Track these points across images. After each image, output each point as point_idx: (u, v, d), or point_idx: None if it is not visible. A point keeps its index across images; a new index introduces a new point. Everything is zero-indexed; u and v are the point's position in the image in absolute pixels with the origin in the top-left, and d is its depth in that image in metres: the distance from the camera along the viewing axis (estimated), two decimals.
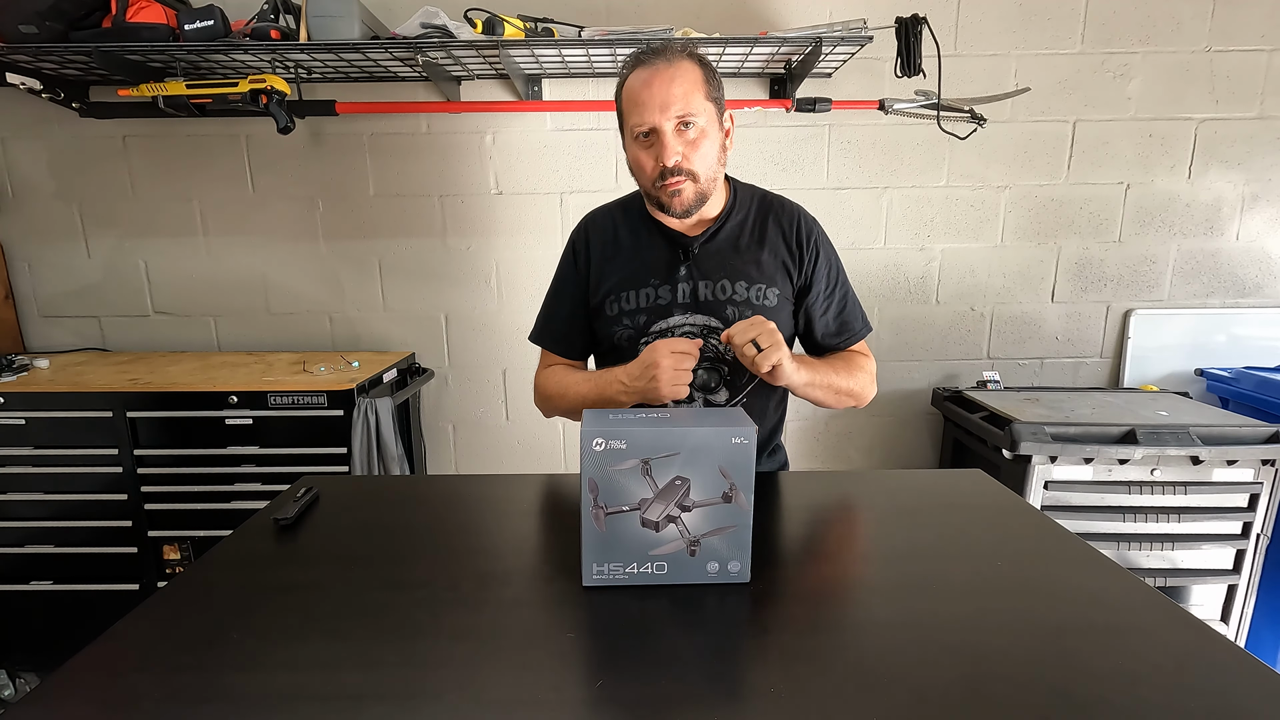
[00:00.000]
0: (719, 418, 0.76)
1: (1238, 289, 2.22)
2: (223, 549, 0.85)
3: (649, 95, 1.00)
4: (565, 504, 1.00)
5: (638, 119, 1.02)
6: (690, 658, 0.64)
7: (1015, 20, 2.04)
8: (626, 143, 1.08)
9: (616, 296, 1.12)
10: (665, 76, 1.00)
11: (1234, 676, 0.60)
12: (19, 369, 1.89)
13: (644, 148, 1.04)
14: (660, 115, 1.00)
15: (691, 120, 1.01)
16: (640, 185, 1.10)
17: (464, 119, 2.08)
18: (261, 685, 0.60)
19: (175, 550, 1.84)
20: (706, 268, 1.10)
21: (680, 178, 1.02)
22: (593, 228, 1.18)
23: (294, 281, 2.19)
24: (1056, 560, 0.82)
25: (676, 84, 1.00)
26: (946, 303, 2.23)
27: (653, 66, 1.01)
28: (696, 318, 1.10)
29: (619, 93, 1.07)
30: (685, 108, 1.00)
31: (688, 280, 1.10)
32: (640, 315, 1.11)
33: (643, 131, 1.02)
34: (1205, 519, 1.73)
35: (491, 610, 0.72)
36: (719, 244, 1.12)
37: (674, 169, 1.01)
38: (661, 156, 1.01)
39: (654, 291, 1.10)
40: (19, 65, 1.80)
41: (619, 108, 1.08)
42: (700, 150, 1.03)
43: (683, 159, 1.02)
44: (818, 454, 2.33)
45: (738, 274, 1.10)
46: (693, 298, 1.10)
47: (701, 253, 1.11)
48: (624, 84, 1.05)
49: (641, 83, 1.01)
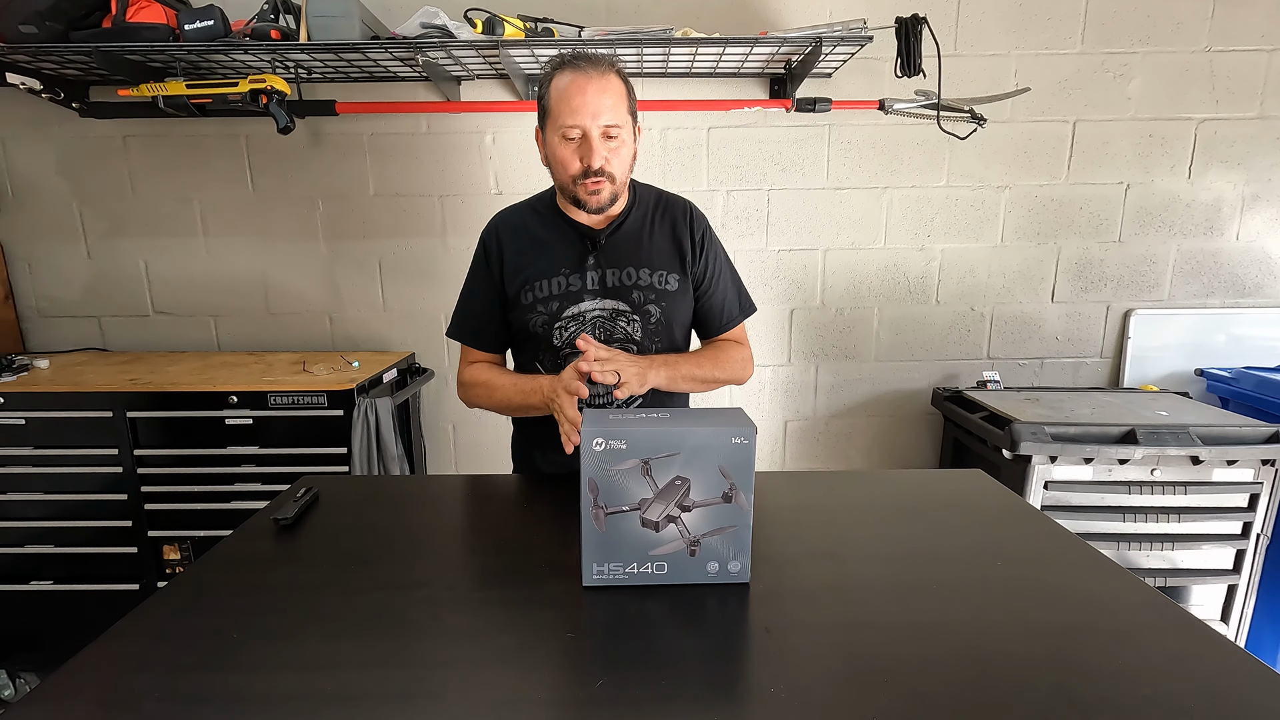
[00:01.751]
0: (719, 418, 0.76)
1: (1238, 289, 2.22)
2: (223, 549, 0.85)
3: (582, 101, 1.08)
4: (565, 504, 1.00)
5: (570, 120, 1.09)
6: (690, 658, 0.64)
7: (1015, 20, 2.04)
8: (548, 138, 1.15)
9: (531, 286, 1.20)
10: (598, 86, 1.09)
11: (1234, 676, 0.60)
12: (19, 369, 1.89)
13: (570, 148, 1.12)
14: (591, 121, 1.08)
15: (616, 131, 1.10)
16: (558, 180, 1.17)
17: (464, 119, 2.08)
18: (261, 685, 0.60)
19: (175, 550, 1.84)
20: (613, 257, 1.20)
21: (601, 179, 1.11)
22: (503, 227, 1.25)
23: (294, 281, 2.19)
24: (1056, 560, 0.82)
25: (606, 95, 1.09)
26: (946, 303, 2.23)
27: (585, 74, 1.09)
28: (605, 302, 1.19)
29: (544, 89, 1.13)
30: (613, 118, 1.09)
31: (596, 269, 1.19)
32: (554, 302, 1.19)
33: (572, 134, 1.10)
34: (1205, 519, 1.73)
35: (491, 610, 0.72)
36: (623, 235, 1.22)
37: (598, 170, 1.10)
38: (588, 158, 1.10)
39: (565, 280, 1.19)
40: (19, 65, 1.80)
41: (543, 104, 1.14)
42: (619, 156, 1.13)
43: (606, 163, 1.11)
44: (818, 454, 2.33)
45: (641, 262, 1.21)
46: (601, 284, 1.19)
47: (608, 244, 1.21)
48: (551, 83, 1.12)
49: (576, 88, 1.09)
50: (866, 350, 2.26)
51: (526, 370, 1.28)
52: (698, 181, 2.13)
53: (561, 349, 1.20)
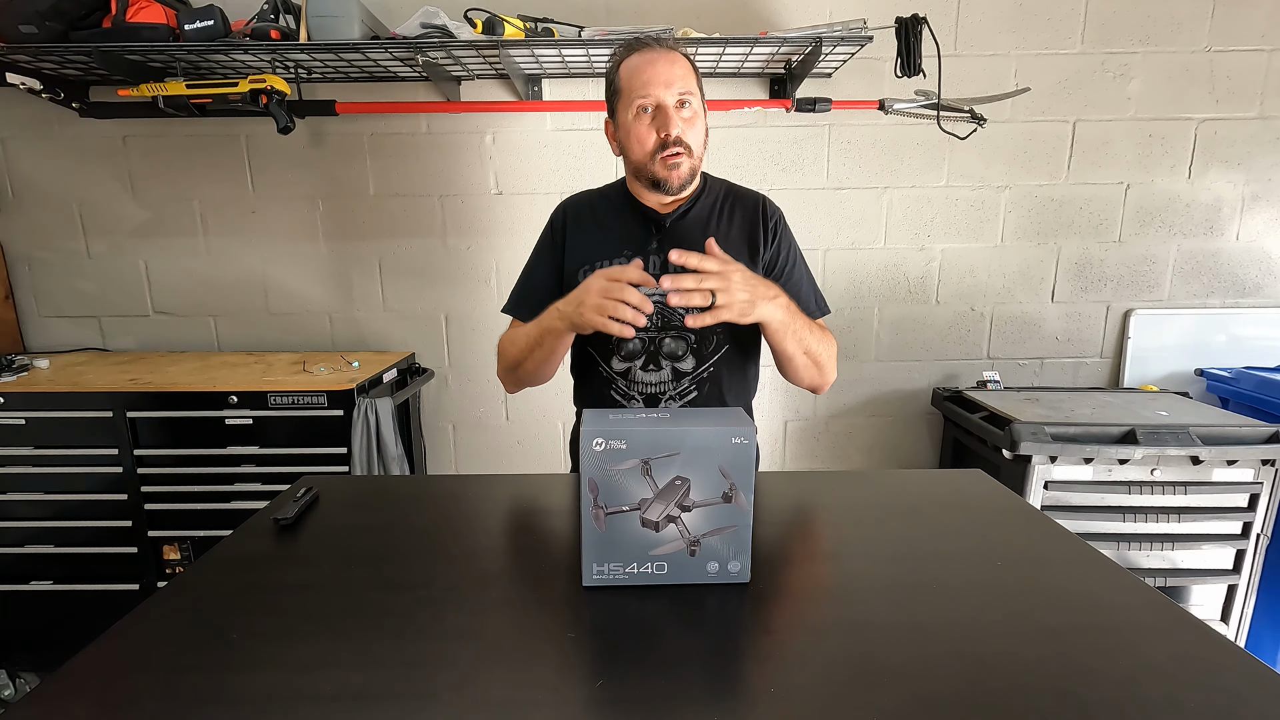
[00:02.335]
0: (719, 418, 0.76)
1: (1238, 289, 2.22)
2: (223, 549, 0.85)
3: (654, 73, 1.07)
4: (565, 504, 1.00)
5: (642, 93, 1.08)
6: (690, 658, 0.64)
7: (1015, 20, 2.04)
8: (622, 120, 1.12)
9: (590, 266, 1.17)
10: (667, 59, 1.08)
11: (1234, 676, 0.60)
12: (19, 369, 1.89)
13: (645, 121, 1.09)
14: (665, 90, 1.07)
15: (689, 99, 1.09)
16: (635, 160, 1.13)
17: (464, 119, 2.08)
18: (261, 685, 0.60)
19: (175, 550, 1.84)
20: (677, 240, 1.15)
21: (680, 150, 1.09)
22: (570, 208, 1.25)
23: (294, 281, 2.19)
24: (1056, 560, 0.82)
25: (677, 66, 1.08)
26: (946, 303, 2.23)
27: (653, 50, 1.09)
28: None
29: (614, 73, 1.13)
30: (685, 87, 1.08)
31: (658, 252, 1.16)
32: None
33: (647, 105, 1.08)
34: (1205, 519, 1.73)
35: (491, 610, 0.72)
36: (689, 221, 1.18)
37: (676, 140, 1.08)
38: (665, 127, 1.07)
39: (625, 261, 1.15)
40: (19, 65, 1.80)
41: (614, 87, 1.13)
42: (695, 128, 1.11)
43: (683, 132, 1.09)
44: (818, 454, 2.33)
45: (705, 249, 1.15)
46: (663, 269, 1.13)
47: (672, 228, 1.17)
48: (621, 65, 1.11)
49: (646, 62, 1.08)
50: (866, 350, 2.26)
51: (578, 358, 1.25)
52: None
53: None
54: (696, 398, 1.17)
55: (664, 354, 1.16)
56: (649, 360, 1.16)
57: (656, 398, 1.17)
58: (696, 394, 1.17)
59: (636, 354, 1.16)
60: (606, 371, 1.18)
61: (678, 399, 1.17)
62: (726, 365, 1.18)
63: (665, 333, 1.16)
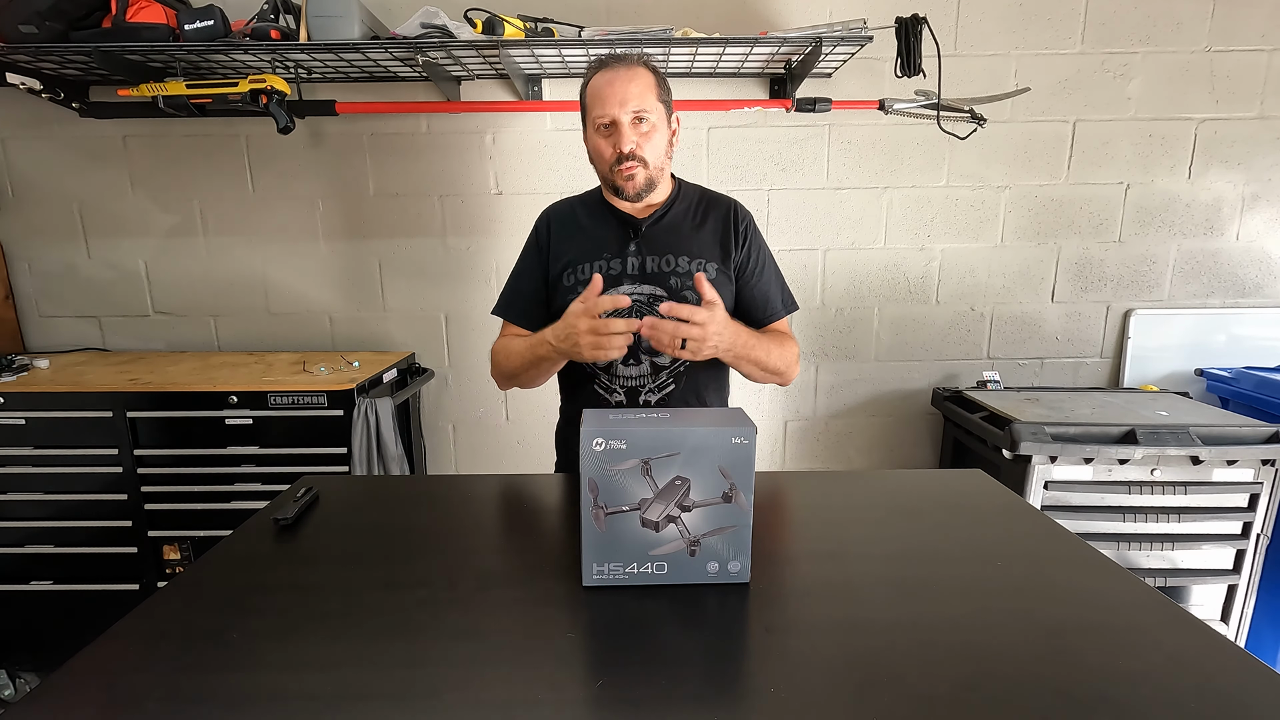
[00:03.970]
0: (719, 418, 0.76)
1: (1238, 289, 2.22)
2: (223, 549, 0.85)
3: (611, 92, 1.16)
4: (565, 504, 1.00)
5: (600, 111, 1.17)
6: (690, 658, 0.64)
7: (1015, 20, 2.04)
8: (588, 134, 1.23)
9: (573, 269, 1.25)
10: (624, 78, 1.17)
11: (1234, 676, 0.60)
12: (19, 369, 1.89)
13: (604, 137, 1.19)
14: (619, 109, 1.16)
15: (644, 116, 1.17)
16: (599, 171, 1.25)
17: (464, 119, 2.08)
18: (262, 685, 0.60)
19: (175, 550, 1.84)
20: (653, 244, 1.24)
21: (634, 163, 1.17)
22: (553, 214, 1.33)
23: (294, 281, 2.19)
24: (1056, 560, 0.82)
25: (633, 85, 1.16)
26: (946, 303, 2.23)
27: (614, 70, 1.18)
28: (644, 287, 1.23)
29: (583, 92, 1.22)
30: (640, 105, 1.16)
31: (637, 255, 1.24)
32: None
33: (604, 123, 1.18)
34: (1205, 519, 1.73)
35: (491, 610, 0.72)
36: (664, 225, 1.27)
37: (629, 155, 1.17)
38: (619, 143, 1.17)
39: (606, 264, 1.23)
40: (19, 65, 1.80)
41: (583, 104, 1.23)
42: (651, 141, 1.19)
43: (637, 147, 1.17)
44: (818, 454, 2.33)
45: (680, 249, 1.24)
46: (641, 270, 1.23)
47: (649, 232, 1.25)
48: (588, 84, 1.21)
49: (605, 82, 1.17)
50: (866, 350, 2.26)
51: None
52: (697, 181, 2.12)
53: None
54: (674, 390, 1.25)
55: (643, 349, 1.22)
56: (629, 355, 1.21)
57: (636, 390, 1.24)
58: (674, 387, 1.24)
59: None
60: (590, 367, 1.25)
61: (656, 391, 1.24)
62: (700, 363, 1.23)
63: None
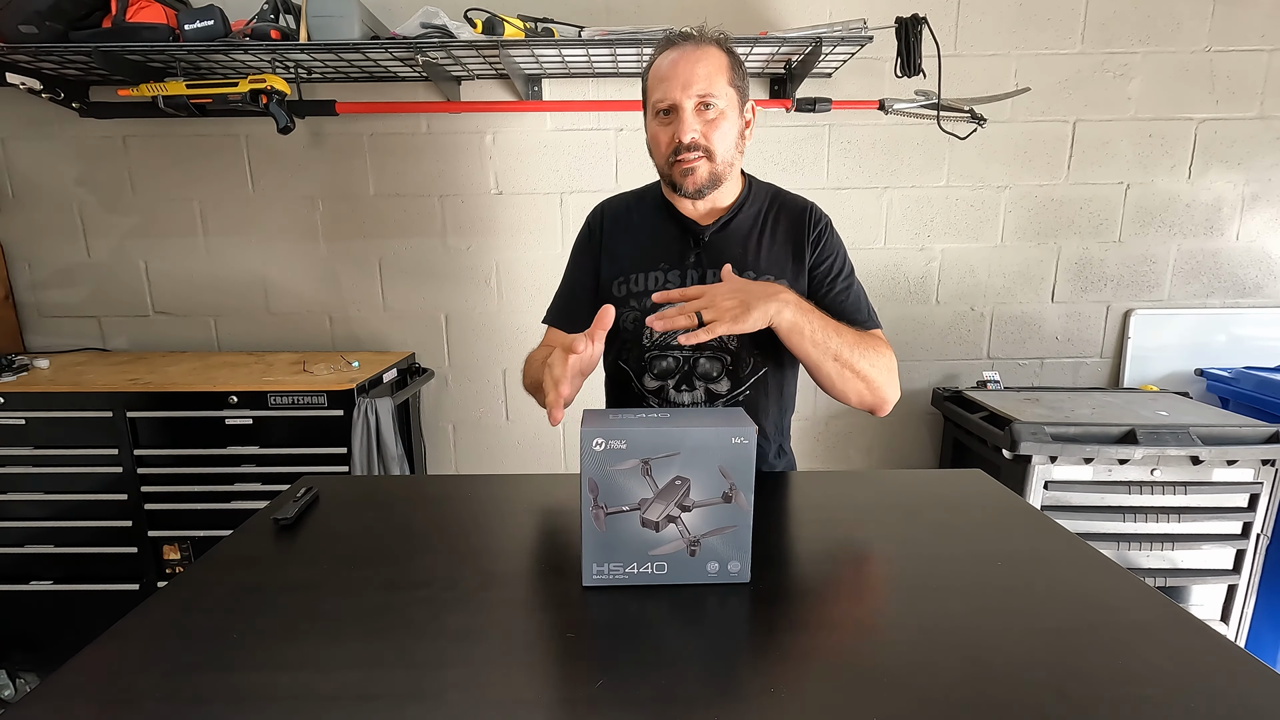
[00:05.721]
0: (719, 418, 0.76)
1: (1238, 289, 2.22)
2: (223, 549, 0.85)
3: (673, 73, 1.02)
4: (565, 504, 1.00)
5: (660, 94, 1.04)
6: (690, 658, 0.64)
7: (1015, 20, 2.04)
8: (647, 121, 1.10)
9: (625, 278, 1.13)
10: (691, 58, 1.02)
11: (1234, 676, 0.60)
12: (19, 369, 1.89)
13: (662, 124, 1.06)
14: (681, 93, 1.02)
15: (712, 101, 1.03)
16: (656, 163, 1.11)
17: (464, 119, 2.08)
18: (261, 685, 0.60)
19: (175, 550, 1.84)
20: (717, 256, 1.10)
21: (696, 155, 1.04)
22: (608, 210, 1.20)
23: (294, 281, 2.19)
24: (1056, 560, 0.82)
25: (701, 65, 1.02)
26: (946, 303, 2.23)
27: (681, 48, 1.04)
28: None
29: (645, 73, 1.09)
30: (707, 88, 1.02)
31: (697, 267, 1.11)
32: (647, 298, 1.10)
33: (663, 108, 1.04)
34: (1205, 519, 1.73)
35: (491, 610, 0.72)
36: (730, 233, 1.13)
37: (690, 145, 1.03)
38: (679, 132, 1.03)
39: (663, 275, 1.11)
40: (19, 65, 1.80)
41: (644, 87, 1.10)
42: (719, 130, 1.04)
43: (700, 136, 1.03)
44: (818, 454, 2.33)
45: (748, 264, 1.11)
46: (701, 284, 1.06)
47: (712, 240, 1.12)
48: (651, 65, 1.07)
49: (669, 61, 1.03)
50: None
51: (613, 374, 1.20)
52: None
53: (649, 349, 1.11)
54: None
55: (698, 374, 1.11)
56: (682, 380, 1.11)
57: None
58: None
59: (670, 373, 1.12)
60: (639, 389, 1.14)
61: None
62: (764, 390, 1.13)
63: (700, 353, 1.11)
